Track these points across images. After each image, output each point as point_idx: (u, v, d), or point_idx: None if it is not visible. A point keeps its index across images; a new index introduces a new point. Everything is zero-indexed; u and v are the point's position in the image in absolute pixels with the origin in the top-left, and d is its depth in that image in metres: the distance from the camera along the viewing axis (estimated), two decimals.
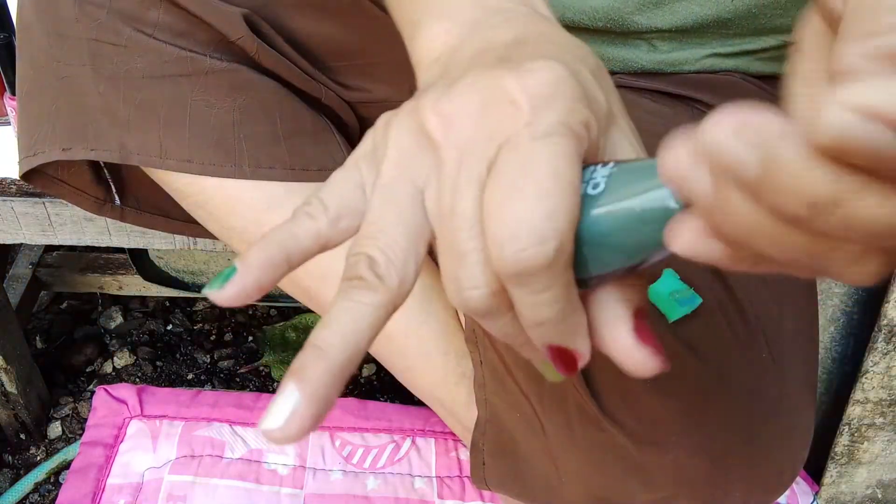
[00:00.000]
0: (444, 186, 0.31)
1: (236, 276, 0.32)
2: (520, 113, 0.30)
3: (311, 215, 0.33)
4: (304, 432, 0.29)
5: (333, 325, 0.31)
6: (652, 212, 0.28)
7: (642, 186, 0.29)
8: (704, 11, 0.66)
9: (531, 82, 0.30)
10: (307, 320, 1.31)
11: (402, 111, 0.34)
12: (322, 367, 0.30)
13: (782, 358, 0.54)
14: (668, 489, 0.53)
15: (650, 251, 0.29)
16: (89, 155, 0.65)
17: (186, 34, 0.64)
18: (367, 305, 0.31)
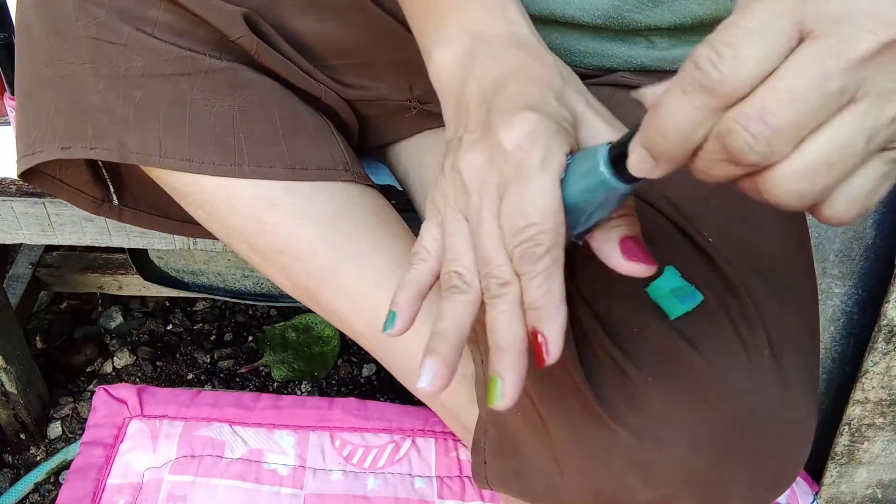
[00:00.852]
0: (472, 217, 0.46)
1: (397, 316, 0.48)
2: (510, 162, 0.45)
3: (423, 259, 0.49)
4: (444, 386, 0.45)
5: (446, 318, 0.46)
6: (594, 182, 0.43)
7: (584, 168, 0.43)
8: (703, 10, 0.66)
9: (516, 134, 0.45)
10: (307, 320, 1.31)
11: (446, 178, 0.48)
12: (445, 344, 0.45)
13: (784, 356, 0.54)
14: (670, 487, 0.53)
15: (606, 207, 0.43)
16: (88, 154, 0.65)
17: (186, 33, 0.64)
18: (463, 303, 0.46)
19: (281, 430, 1.00)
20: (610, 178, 0.42)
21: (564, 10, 0.68)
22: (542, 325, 0.43)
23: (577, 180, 0.43)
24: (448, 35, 0.53)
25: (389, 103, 0.76)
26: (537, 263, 0.43)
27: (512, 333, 0.44)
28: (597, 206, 0.43)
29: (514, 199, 0.44)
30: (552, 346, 0.43)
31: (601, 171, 0.42)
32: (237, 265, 1.25)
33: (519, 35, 0.52)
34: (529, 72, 0.49)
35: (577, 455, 0.54)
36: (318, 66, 0.71)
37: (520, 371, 0.44)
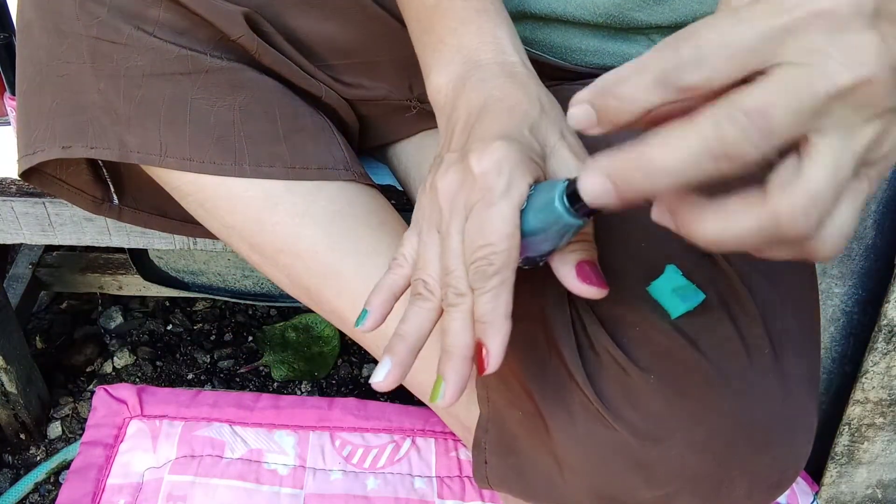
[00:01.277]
0: (442, 232, 0.50)
1: (369, 315, 0.52)
2: (477, 186, 0.48)
3: (400, 265, 0.53)
4: (394, 384, 0.49)
5: (408, 321, 0.50)
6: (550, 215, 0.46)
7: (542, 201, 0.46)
8: (704, 8, 0.66)
9: (485, 162, 0.48)
10: (307, 320, 1.31)
11: (426, 193, 0.53)
12: (403, 345, 0.50)
13: (784, 355, 0.54)
14: (671, 486, 0.53)
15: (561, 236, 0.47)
16: (89, 153, 0.65)
17: (187, 32, 0.64)
18: (426, 309, 0.50)
19: (281, 430, 1.00)
20: (563, 214, 0.45)
21: (566, 8, 0.68)
22: (486, 338, 0.47)
23: (536, 211, 0.47)
24: (444, 59, 0.57)
25: (389, 103, 0.76)
26: (488, 281, 0.47)
27: (460, 340, 0.48)
28: (553, 235, 0.47)
29: (476, 220, 0.48)
30: (492, 358, 0.47)
31: (556, 205, 0.45)
32: (237, 265, 1.24)
33: (508, 63, 0.56)
34: (511, 101, 0.53)
35: (578, 454, 0.54)
36: (319, 66, 0.71)
37: (462, 375, 0.48)
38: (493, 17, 0.58)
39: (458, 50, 0.57)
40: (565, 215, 0.45)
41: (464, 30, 0.57)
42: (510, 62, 0.56)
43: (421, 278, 0.51)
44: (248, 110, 0.65)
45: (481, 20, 0.57)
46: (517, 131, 0.51)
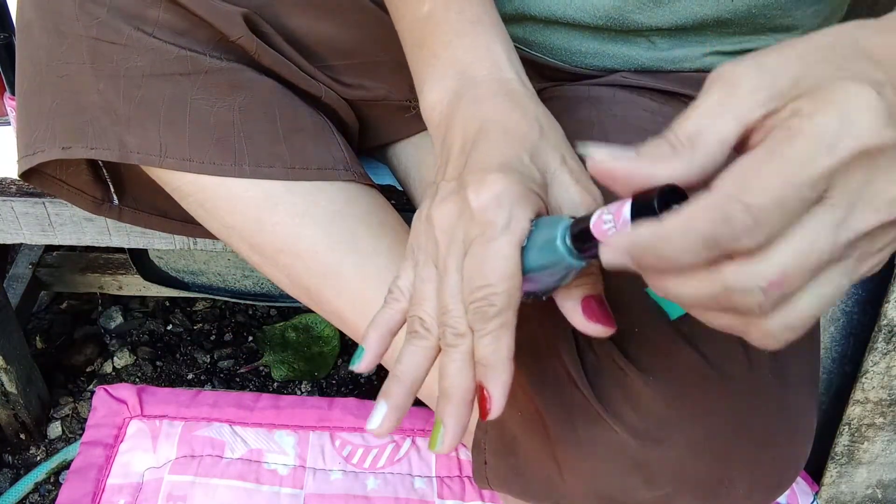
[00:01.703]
0: (439, 267, 0.48)
1: (364, 352, 0.50)
2: (476, 222, 0.46)
3: (397, 299, 0.51)
4: (391, 429, 0.47)
5: (403, 362, 0.48)
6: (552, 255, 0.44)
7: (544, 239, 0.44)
8: (704, 10, 0.66)
9: (483, 196, 0.46)
10: (307, 320, 1.31)
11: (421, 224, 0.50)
12: (398, 388, 0.47)
13: (784, 356, 0.54)
14: (670, 487, 0.53)
15: (564, 275, 0.44)
16: (89, 154, 0.65)
17: (186, 33, 0.64)
18: (422, 348, 0.48)
19: (281, 430, 1.00)
20: (566, 256, 0.43)
21: (566, 11, 0.68)
22: (487, 382, 0.45)
23: (538, 249, 0.45)
24: (437, 74, 0.55)
25: (389, 103, 0.76)
26: (488, 323, 0.45)
27: (459, 383, 0.46)
28: (556, 274, 0.45)
29: (475, 258, 0.45)
30: (495, 404, 0.45)
31: (558, 245, 0.43)
32: (237, 265, 1.25)
33: (505, 80, 0.53)
34: (509, 124, 0.50)
35: (577, 455, 0.54)
36: (318, 66, 0.71)
37: (462, 420, 0.46)
38: (489, 30, 0.55)
39: (451, 64, 0.55)
40: (568, 256, 0.43)
41: (458, 42, 0.55)
42: (506, 79, 0.54)
43: (417, 315, 0.49)
44: (247, 111, 0.65)
45: (476, 33, 0.55)
46: (516, 159, 0.48)
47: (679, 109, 0.68)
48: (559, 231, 0.43)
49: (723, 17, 0.66)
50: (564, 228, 0.43)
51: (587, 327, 0.47)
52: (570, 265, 0.44)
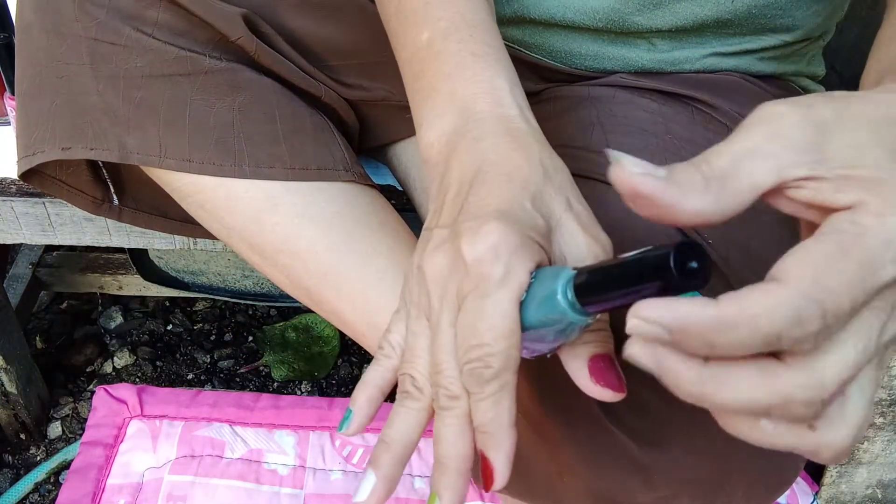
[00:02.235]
0: (432, 322, 0.45)
1: (353, 416, 0.47)
2: (470, 275, 0.42)
3: (388, 356, 0.48)
4: (382, 502, 0.44)
5: (393, 426, 0.45)
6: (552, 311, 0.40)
7: (544, 292, 0.40)
8: (704, 12, 0.66)
9: (479, 247, 0.42)
10: (307, 320, 1.31)
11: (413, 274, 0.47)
12: (387, 456, 0.44)
13: None
14: (670, 488, 0.53)
15: (568, 332, 0.41)
16: (89, 154, 0.65)
17: (186, 34, 0.64)
18: (413, 410, 0.45)
19: (281, 430, 1.00)
20: (568, 311, 0.39)
21: (565, 13, 0.68)
22: (488, 451, 0.42)
23: (539, 304, 0.41)
24: (436, 110, 0.51)
25: (389, 103, 0.76)
26: (485, 386, 0.41)
27: (456, 451, 0.43)
28: (558, 332, 0.41)
29: (469, 315, 0.42)
30: (498, 475, 0.41)
31: (559, 300, 0.39)
32: (237, 265, 1.25)
33: (507, 118, 0.49)
34: (509, 167, 0.46)
35: (577, 457, 0.54)
36: (318, 67, 0.71)
37: (459, 491, 0.42)
38: (493, 64, 0.51)
39: (451, 99, 0.50)
40: (570, 312, 0.39)
41: (458, 75, 0.51)
42: (509, 115, 0.49)
43: (409, 374, 0.45)
44: (247, 111, 0.65)
45: (477, 66, 0.51)
46: (517, 205, 0.44)
47: (679, 110, 0.69)
48: (560, 284, 0.39)
49: (723, 18, 0.66)
50: (566, 281, 0.39)
51: (594, 391, 0.42)
52: (573, 322, 0.40)
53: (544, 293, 0.40)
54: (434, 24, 0.53)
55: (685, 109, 0.68)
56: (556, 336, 0.41)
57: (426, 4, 0.54)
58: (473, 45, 0.52)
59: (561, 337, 0.41)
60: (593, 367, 0.42)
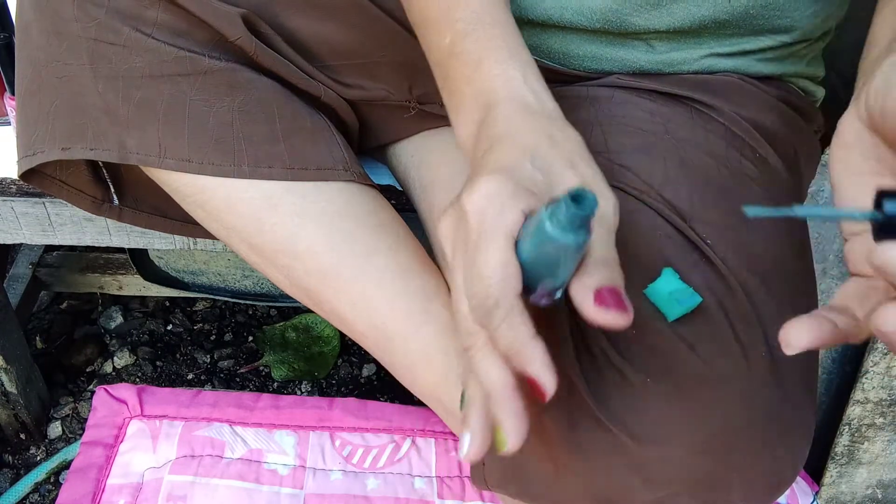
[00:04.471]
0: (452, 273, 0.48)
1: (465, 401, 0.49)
2: (469, 222, 0.46)
3: None
4: (480, 455, 0.46)
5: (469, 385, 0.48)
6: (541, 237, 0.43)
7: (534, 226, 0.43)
8: (702, 12, 0.66)
9: (474, 197, 0.46)
10: (307, 320, 1.31)
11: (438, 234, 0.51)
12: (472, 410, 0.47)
13: (782, 356, 0.54)
14: (669, 488, 0.53)
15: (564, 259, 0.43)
16: (88, 154, 0.65)
17: (185, 34, 0.64)
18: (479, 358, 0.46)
19: (281, 430, 1.00)
20: (552, 233, 0.42)
21: (562, 14, 0.68)
22: (525, 367, 0.44)
23: (532, 238, 0.44)
24: (464, 109, 0.56)
25: (389, 103, 0.76)
26: (493, 315, 0.44)
27: (495, 377, 0.45)
28: (555, 261, 0.43)
29: (468, 257, 0.46)
30: (545, 382, 0.43)
31: (545, 224, 0.42)
32: (237, 265, 1.25)
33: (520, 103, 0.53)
34: (517, 137, 0.51)
35: (575, 457, 0.54)
36: (318, 66, 0.71)
37: (516, 412, 0.44)
38: (506, 59, 0.55)
39: (474, 98, 0.56)
40: (555, 234, 0.42)
41: (476, 76, 0.55)
42: (522, 101, 0.54)
43: None
44: (246, 111, 0.65)
45: (492, 63, 0.55)
46: (517, 164, 0.48)
47: (678, 110, 0.69)
48: (545, 210, 0.42)
49: (720, 19, 0.66)
50: (549, 208, 0.42)
51: (597, 315, 0.44)
52: (563, 244, 0.42)
53: (535, 225, 0.43)
54: (453, 26, 0.57)
55: (684, 110, 0.68)
56: (556, 268, 0.44)
57: (445, 10, 0.58)
58: (488, 43, 0.56)
59: (560, 267, 0.43)
60: (597, 295, 0.44)
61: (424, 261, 0.70)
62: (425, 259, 0.71)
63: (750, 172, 0.64)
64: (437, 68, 0.60)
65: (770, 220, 0.59)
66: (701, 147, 0.65)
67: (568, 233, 0.42)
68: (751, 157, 0.65)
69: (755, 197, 0.62)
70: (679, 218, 0.59)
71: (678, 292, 0.53)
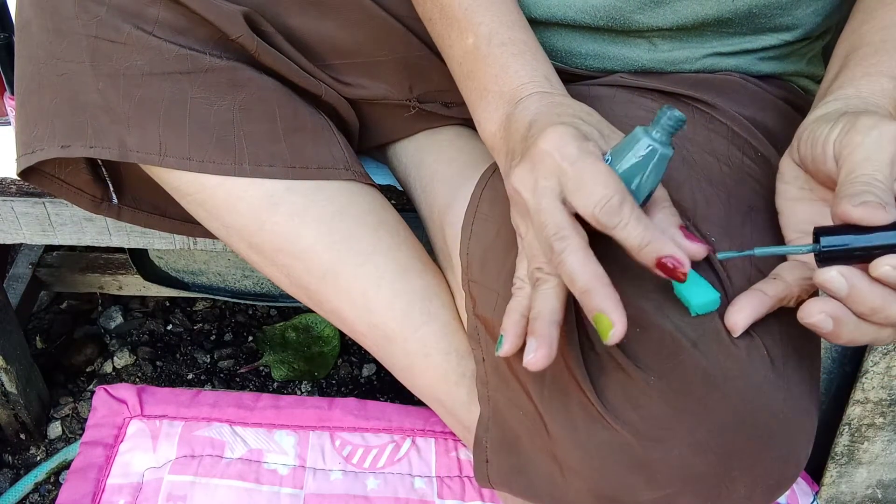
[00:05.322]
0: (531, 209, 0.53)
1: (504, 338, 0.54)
2: (552, 158, 0.52)
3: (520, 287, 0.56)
4: (546, 359, 0.50)
5: (537, 305, 0.52)
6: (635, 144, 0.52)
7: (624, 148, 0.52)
8: (705, 10, 0.66)
9: (549, 138, 0.52)
10: (307, 320, 1.31)
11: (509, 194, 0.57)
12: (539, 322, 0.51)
13: (785, 355, 0.54)
14: (672, 487, 0.53)
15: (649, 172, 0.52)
16: (88, 152, 0.65)
17: (186, 32, 0.64)
18: (550, 288, 0.52)
19: (281, 430, 1.00)
20: (653, 143, 0.51)
21: (566, 12, 0.68)
22: (662, 251, 0.49)
23: (624, 159, 0.51)
24: (491, 107, 0.61)
25: (389, 102, 0.76)
26: (622, 212, 0.49)
27: (589, 273, 0.49)
28: (646, 177, 0.52)
29: (573, 181, 0.51)
30: (682, 259, 0.49)
31: (644, 139, 0.51)
32: (237, 265, 1.24)
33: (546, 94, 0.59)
34: (555, 109, 0.56)
35: (578, 455, 0.54)
36: (319, 66, 0.71)
37: (617, 301, 0.49)
38: (530, 60, 0.61)
39: (500, 96, 0.60)
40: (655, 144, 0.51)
41: (503, 76, 0.60)
42: (548, 92, 0.59)
43: (536, 267, 0.53)
44: (247, 109, 0.65)
45: (518, 64, 0.60)
46: (570, 121, 0.54)
47: (679, 109, 0.68)
48: (638, 129, 0.51)
49: (723, 17, 0.66)
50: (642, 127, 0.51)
51: (688, 248, 0.52)
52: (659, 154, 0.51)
53: (624, 148, 0.52)
54: (476, 28, 0.62)
55: (685, 109, 0.68)
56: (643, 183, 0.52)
57: (466, 11, 0.62)
58: (512, 47, 0.61)
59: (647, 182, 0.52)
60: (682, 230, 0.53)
61: (424, 260, 0.70)
62: (425, 259, 0.71)
63: (751, 171, 0.64)
64: (458, 66, 0.64)
65: (771, 219, 0.59)
66: (703, 146, 0.65)
67: (667, 144, 0.51)
68: (752, 156, 0.65)
69: (756, 195, 0.62)
70: (682, 216, 0.59)
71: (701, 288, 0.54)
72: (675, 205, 0.59)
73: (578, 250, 0.49)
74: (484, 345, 0.61)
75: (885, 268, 0.45)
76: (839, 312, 0.47)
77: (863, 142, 0.49)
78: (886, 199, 0.46)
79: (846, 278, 0.46)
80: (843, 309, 0.47)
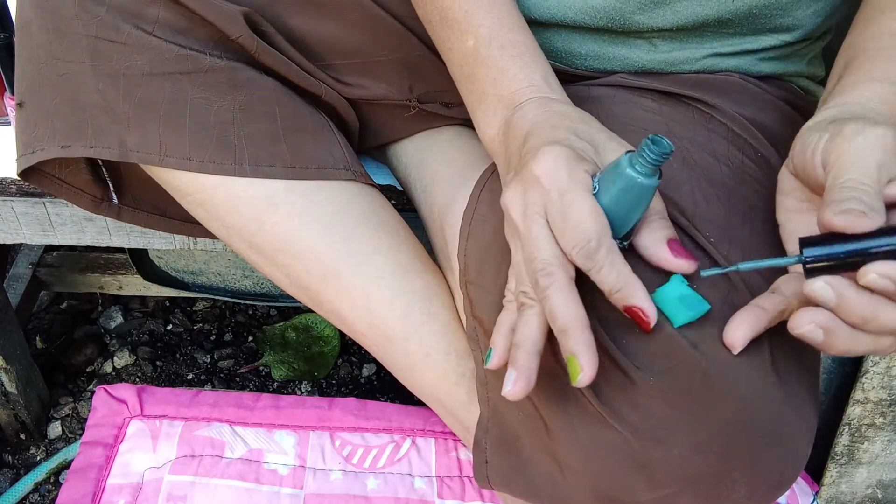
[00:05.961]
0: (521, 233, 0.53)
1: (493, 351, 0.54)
2: (542, 185, 0.52)
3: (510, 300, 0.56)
4: (524, 391, 0.51)
5: (520, 332, 0.52)
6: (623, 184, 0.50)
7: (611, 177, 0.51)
8: (705, 11, 0.66)
9: (542, 163, 0.52)
10: (307, 320, 1.31)
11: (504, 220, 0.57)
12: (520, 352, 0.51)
13: (784, 356, 0.54)
14: (672, 487, 0.53)
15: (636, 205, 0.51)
16: (88, 152, 0.65)
17: (186, 32, 0.64)
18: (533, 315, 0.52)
19: (281, 430, 1.00)
20: (636, 176, 0.50)
21: (566, 13, 0.68)
22: (630, 301, 0.50)
23: (609, 189, 0.51)
24: (490, 110, 0.61)
25: (389, 103, 0.76)
26: (596, 256, 0.49)
27: (570, 313, 0.49)
28: (631, 207, 0.51)
29: (558, 213, 0.51)
30: (648, 312, 0.50)
31: (627, 171, 0.50)
32: (237, 265, 1.24)
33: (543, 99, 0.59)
34: (553, 121, 0.56)
35: (578, 455, 0.54)
36: (319, 66, 0.71)
37: (590, 345, 0.49)
38: (528, 63, 0.61)
39: (499, 99, 0.60)
40: (638, 177, 0.50)
41: (502, 79, 0.61)
42: (545, 98, 0.59)
43: (521, 290, 0.53)
44: (247, 109, 0.65)
45: (516, 67, 0.61)
46: (564, 137, 0.54)
47: (679, 110, 0.69)
48: (623, 161, 0.50)
49: (723, 17, 0.66)
50: (626, 158, 0.50)
51: (672, 263, 0.53)
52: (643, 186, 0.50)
53: (612, 177, 0.51)
54: (476, 31, 0.62)
55: (685, 109, 0.68)
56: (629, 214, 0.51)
57: (466, 13, 0.63)
58: (512, 49, 0.61)
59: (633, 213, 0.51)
60: (671, 246, 0.53)
61: (425, 261, 0.70)
62: (425, 259, 0.71)
63: (751, 171, 0.64)
64: (458, 68, 0.64)
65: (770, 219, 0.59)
66: (703, 146, 0.65)
67: (651, 176, 0.50)
68: (752, 157, 0.65)
69: (756, 195, 0.62)
70: (682, 216, 0.59)
71: (687, 298, 0.53)
72: (675, 205, 0.59)
73: (563, 289, 0.50)
74: (482, 346, 0.61)
75: (872, 275, 0.44)
76: (830, 323, 0.46)
77: (848, 148, 0.48)
78: (873, 204, 0.45)
79: (833, 288, 0.46)
80: (834, 319, 0.46)
